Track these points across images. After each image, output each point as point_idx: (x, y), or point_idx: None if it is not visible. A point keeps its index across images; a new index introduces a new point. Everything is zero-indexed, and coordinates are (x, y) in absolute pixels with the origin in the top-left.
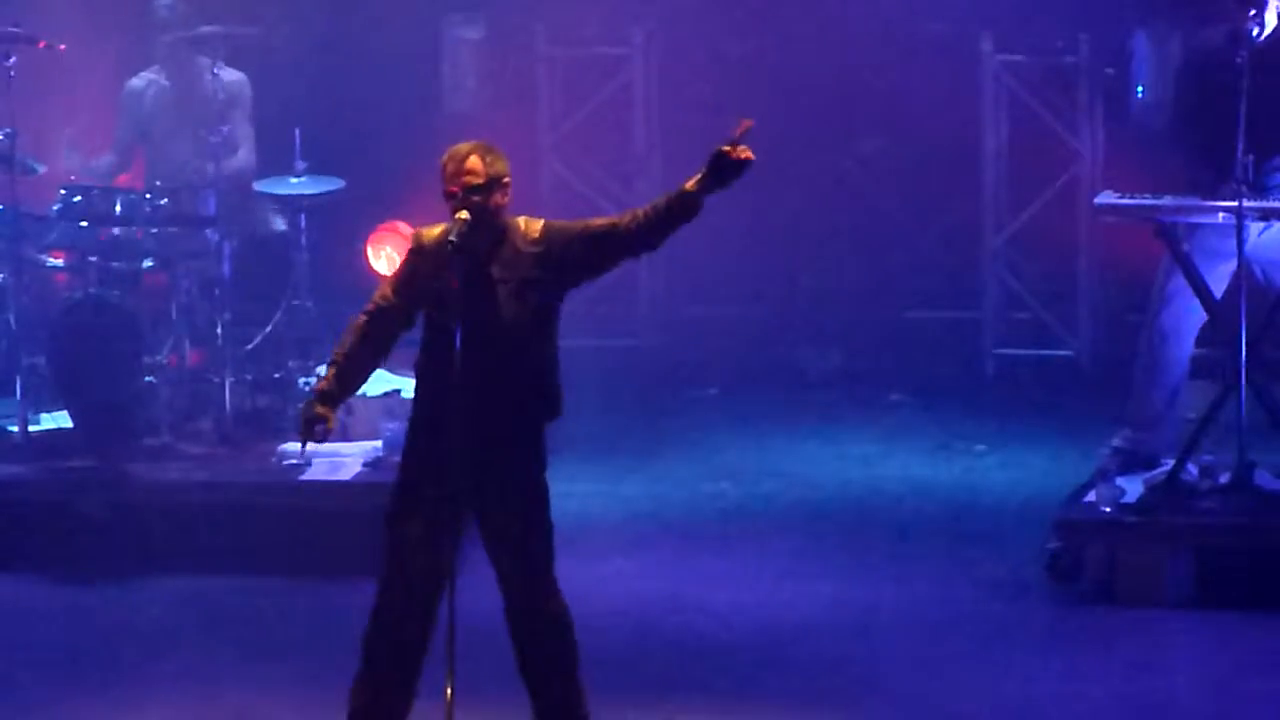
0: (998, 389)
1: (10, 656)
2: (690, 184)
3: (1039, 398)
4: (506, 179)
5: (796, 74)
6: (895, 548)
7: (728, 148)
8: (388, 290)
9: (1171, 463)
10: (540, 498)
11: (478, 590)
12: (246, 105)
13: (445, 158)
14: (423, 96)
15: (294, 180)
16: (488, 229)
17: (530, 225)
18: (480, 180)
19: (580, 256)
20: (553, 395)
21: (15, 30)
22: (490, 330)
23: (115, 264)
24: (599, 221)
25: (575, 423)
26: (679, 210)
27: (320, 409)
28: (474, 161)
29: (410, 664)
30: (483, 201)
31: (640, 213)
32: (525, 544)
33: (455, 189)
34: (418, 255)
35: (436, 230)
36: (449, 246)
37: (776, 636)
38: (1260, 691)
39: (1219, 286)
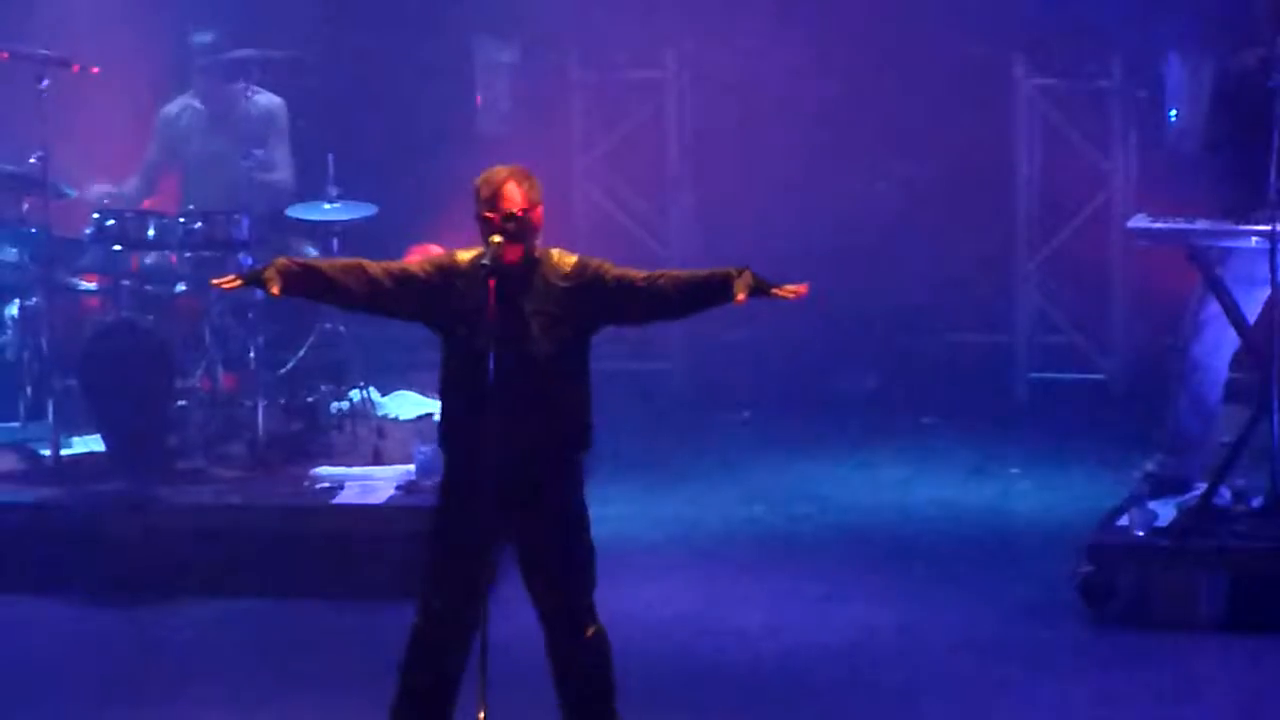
0: (1031, 413)
1: (43, 679)
2: (739, 292)
3: (1072, 422)
4: (540, 207)
5: (828, 97)
6: (928, 571)
7: (782, 289)
8: (414, 270)
9: (1205, 487)
10: (580, 525)
11: (511, 613)
12: (283, 128)
13: (480, 181)
14: (456, 120)
15: (327, 206)
16: (523, 257)
17: (563, 259)
18: (516, 208)
19: (607, 303)
20: (584, 426)
21: (48, 53)
22: (522, 359)
23: (148, 288)
24: (634, 273)
25: (609, 445)
26: (714, 298)
27: (272, 277)
28: (510, 189)
29: (448, 687)
30: (517, 229)
31: (675, 278)
32: (566, 572)
33: (490, 215)
34: (448, 271)
35: (471, 254)
36: (483, 270)
37: (809, 659)
38: None
39: (1253, 311)
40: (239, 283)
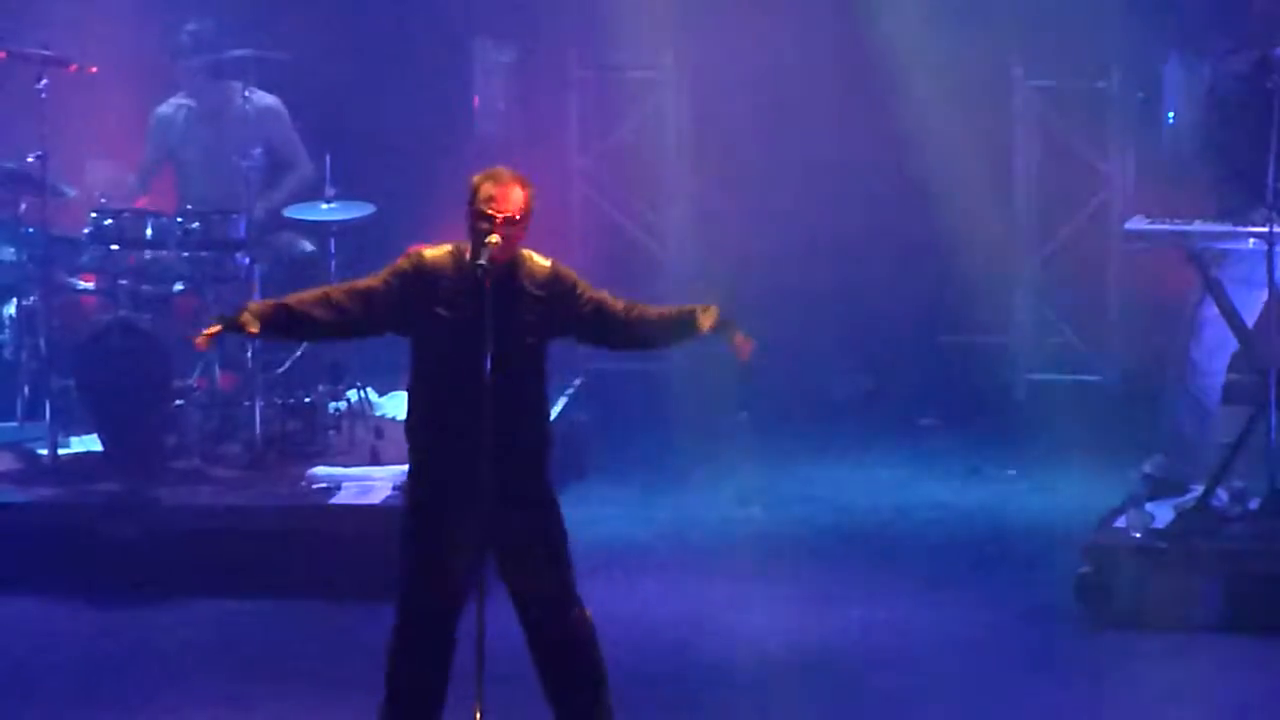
0: (1028, 414)
1: (39, 678)
2: (705, 322)
3: (1069, 422)
4: (531, 216)
5: (826, 99)
6: (925, 572)
7: (735, 337)
8: (376, 285)
9: (1202, 488)
10: (555, 512)
11: (503, 612)
12: (285, 124)
13: (482, 178)
14: (455, 121)
15: (324, 206)
16: (507, 260)
17: (537, 265)
18: (517, 213)
19: (582, 324)
20: (546, 422)
21: (47, 53)
22: (499, 359)
23: (146, 287)
24: (612, 301)
25: (605, 446)
26: (683, 333)
27: (249, 319)
28: (515, 191)
29: (433, 690)
30: (513, 232)
31: (650, 312)
32: (548, 559)
33: (492, 213)
34: (419, 273)
35: (441, 251)
36: (479, 270)
37: (805, 660)
38: None
39: (1251, 312)
40: (218, 329)
